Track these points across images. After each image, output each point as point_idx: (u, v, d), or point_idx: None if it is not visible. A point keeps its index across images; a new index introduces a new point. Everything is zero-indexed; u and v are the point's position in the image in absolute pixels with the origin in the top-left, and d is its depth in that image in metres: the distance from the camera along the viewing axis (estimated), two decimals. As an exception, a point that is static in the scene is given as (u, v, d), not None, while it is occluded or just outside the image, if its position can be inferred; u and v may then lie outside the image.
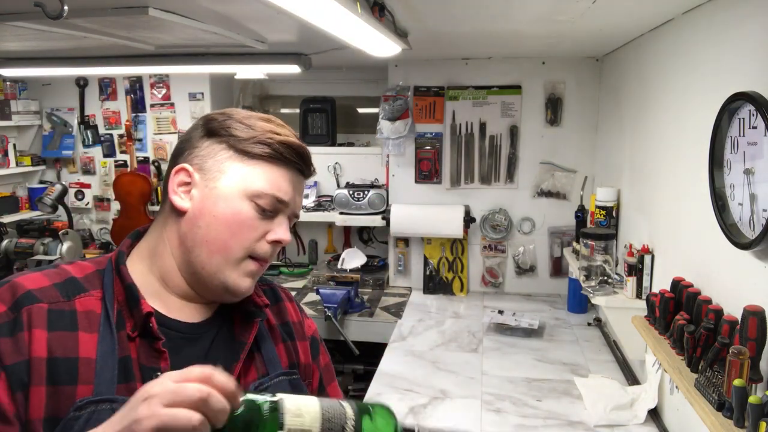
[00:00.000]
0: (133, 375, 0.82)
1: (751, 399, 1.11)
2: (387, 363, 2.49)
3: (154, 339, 0.85)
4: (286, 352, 1.02)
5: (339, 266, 3.49)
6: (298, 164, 0.93)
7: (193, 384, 0.65)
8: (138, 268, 0.91)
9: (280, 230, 0.92)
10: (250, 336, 0.94)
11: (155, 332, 0.85)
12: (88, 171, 3.97)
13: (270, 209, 0.90)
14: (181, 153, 0.92)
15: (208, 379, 0.66)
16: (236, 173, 0.89)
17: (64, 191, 3.30)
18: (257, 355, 0.96)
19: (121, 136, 3.84)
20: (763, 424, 1.08)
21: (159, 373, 0.83)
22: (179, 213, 0.89)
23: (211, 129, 0.91)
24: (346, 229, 3.78)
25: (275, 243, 0.92)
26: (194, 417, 0.64)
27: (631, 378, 2.28)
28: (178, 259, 0.90)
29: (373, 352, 2.81)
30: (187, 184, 0.90)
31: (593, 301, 2.20)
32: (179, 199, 0.89)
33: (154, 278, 0.91)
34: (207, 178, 0.89)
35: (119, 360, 0.81)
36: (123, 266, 0.88)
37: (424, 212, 3.27)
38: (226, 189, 0.88)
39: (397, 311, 3.09)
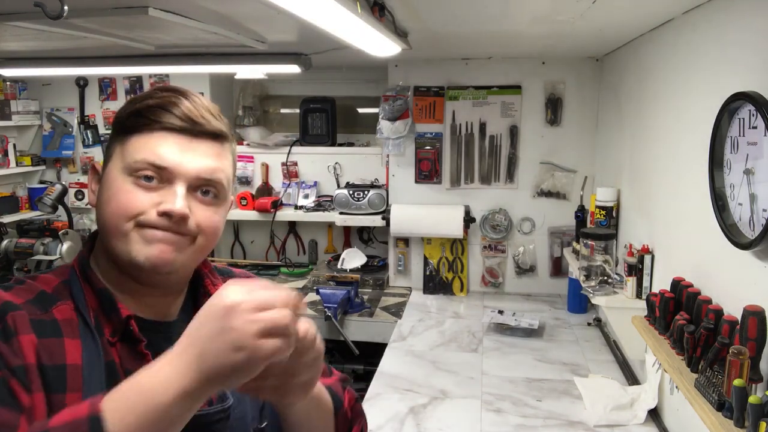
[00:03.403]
0: (120, 379, 0.78)
1: (751, 399, 1.11)
2: (387, 363, 2.49)
3: (135, 342, 0.82)
4: None
5: (339, 266, 3.49)
6: (178, 126, 0.82)
7: (262, 291, 0.66)
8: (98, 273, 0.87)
9: (170, 200, 0.80)
10: None
11: (137, 335, 0.82)
12: (88, 171, 3.96)
13: (154, 179, 0.81)
14: None
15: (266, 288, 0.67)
16: (117, 154, 0.84)
17: (64, 191, 3.29)
18: None
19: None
20: (763, 424, 1.08)
21: None
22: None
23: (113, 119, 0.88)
24: (346, 229, 3.78)
25: (164, 215, 0.80)
26: (287, 314, 0.65)
27: (631, 378, 2.28)
28: (115, 265, 0.86)
29: (373, 352, 2.81)
30: (99, 180, 0.88)
31: (593, 301, 2.20)
32: (92, 194, 0.88)
33: (110, 283, 0.86)
34: (103, 168, 0.87)
35: (105, 365, 0.80)
36: (91, 271, 0.85)
37: (424, 212, 3.27)
38: (109, 173, 0.84)
39: (397, 311, 3.09)
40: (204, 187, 0.84)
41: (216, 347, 0.64)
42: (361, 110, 3.83)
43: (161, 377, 0.65)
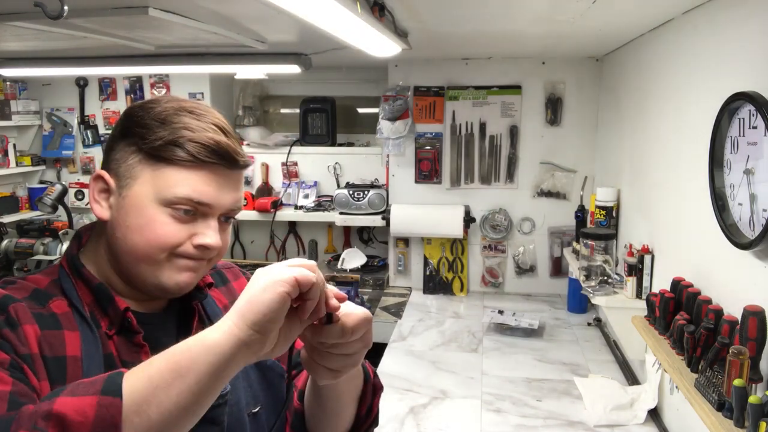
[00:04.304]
0: None
1: (751, 399, 1.12)
2: (387, 363, 2.49)
3: (132, 334, 0.84)
4: None
5: (339, 266, 3.49)
6: (217, 163, 0.83)
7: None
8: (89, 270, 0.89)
9: (207, 234, 0.84)
10: (193, 320, 0.93)
11: (135, 326, 0.84)
12: (88, 171, 3.97)
13: (190, 212, 0.83)
14: (106, 152, 0.88)
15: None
16: (146, 180, 0.82)
17: (64, 191, 3.28)
18: None
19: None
20: (763, 424, 1.08)
21: None
22: (105, 221, 0.86)
23: (126, 128, 0.85)
24: (346, 229, 3.78)
25: (201, 247, 0.84)
26: (313, 275, 0.69)
27: (631, 378, 2.28)
28: (113, 267, 0.87)
29: (373, 352, 2.80)
30: (107, 191, 0.85)
31: (593, 301, 2.20)
32: (99, 207, 0.86)
33: (104, 280, 0.88)
34: (120, 185, 0.84)
35: (104, 357, 0.81)
36: (84, 268, 0.86)
37: (424, 212, 3.27)
38: (137, 198, 0.83)
39: (397, 311, 3.09)
40: (228, 215, 0.88)
41: (253, 294, 0.67)
42: (361, 110, 3.83)
43: (199, 336, 0.67)
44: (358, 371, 0.95)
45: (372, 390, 1.00)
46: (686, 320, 1.50)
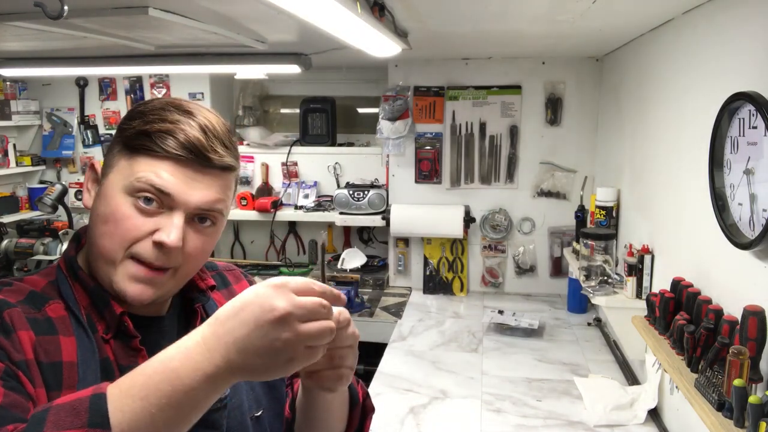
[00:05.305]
0: (114, 376, 0.79)
1: (751, 399, 1.12)
2: (387, 363, 2.49)
3: (129, 338, 0.83)
4: None
5: (339, 266, 3.49)
6: (185, 157, 0.80)
7: (312, 299, 0.66)
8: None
9: (167, 230, 0.79)
10: (196, 323, 0.91)
11: (132, 331, 0.83)
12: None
13: (154, 202, 0.80)
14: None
15: (312, 289, 0.68)
16: (120, 168, 0.82)
17: (64, 191, 3.29)
18: None
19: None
20: (763, 424, 1.08)
21: None
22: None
23: (121, 122, 0.85)
24: (346, 229, 3.78)
25: (158, 245, 0.80)
26: (331, 324, 0.66)
27: (631, 378, 2.28)
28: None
29: (373, 352, 2.81)
30: (96, 180, 0.86)
31: (593, 301, 2.20)
32: (87, 195, 0.86)
33: (100, 282, 0.86)
34: (102, 174, 0.85)
35: (100, 362, 0.80)
36: (81, 271, 0.85)
37: (424, 212, 3.27)
38: (109, 186, 0.82)
39: (397, 311, 3.09)
40: (202, 216, 0.84)
41: (261, 350, 0.63)
42: (361, 110, 3.83)
43: (190, 362, 0.64)
44: (345, 394, 0.95)
45: (361, 413, 0.99)
46: (686, 320, 1.50)
